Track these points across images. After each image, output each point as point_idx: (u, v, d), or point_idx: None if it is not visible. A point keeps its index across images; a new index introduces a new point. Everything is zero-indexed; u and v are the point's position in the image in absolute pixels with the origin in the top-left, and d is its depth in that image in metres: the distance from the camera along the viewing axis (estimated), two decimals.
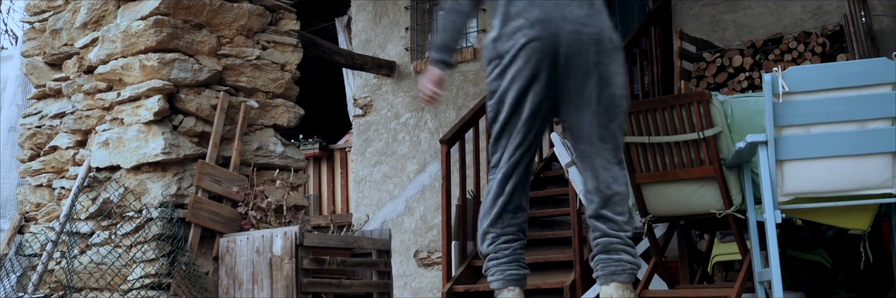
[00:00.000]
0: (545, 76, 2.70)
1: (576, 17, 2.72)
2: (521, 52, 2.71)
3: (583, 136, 2.79)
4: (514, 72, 2.72)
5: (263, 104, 4.85)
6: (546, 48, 2.69)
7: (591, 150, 2.79)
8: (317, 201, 9.50)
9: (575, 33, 2.70)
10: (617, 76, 2.79)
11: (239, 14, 4.82)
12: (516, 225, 2.88)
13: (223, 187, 4.42)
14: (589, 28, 2.73)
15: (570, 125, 2.82)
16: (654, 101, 3.53)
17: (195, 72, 4.58)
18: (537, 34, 2.70)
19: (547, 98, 2.75)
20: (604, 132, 2.78)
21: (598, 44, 2.73)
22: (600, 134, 2.78)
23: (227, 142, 4.63)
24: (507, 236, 2.86)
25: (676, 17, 6.77)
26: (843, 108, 2.91)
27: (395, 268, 7.87)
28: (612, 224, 2.79)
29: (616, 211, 2.78)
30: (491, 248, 2.87)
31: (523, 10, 2.73)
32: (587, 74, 2.71)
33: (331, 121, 13.37)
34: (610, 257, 2.76)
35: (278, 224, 4.14)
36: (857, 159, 2.92)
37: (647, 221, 3.67)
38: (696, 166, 3.44)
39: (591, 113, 2.75)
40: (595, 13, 2.76)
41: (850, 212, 3.06)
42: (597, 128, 2.77)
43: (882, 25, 5.91)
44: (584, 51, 2.71)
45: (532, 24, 2.72)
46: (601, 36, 2.75)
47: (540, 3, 2.73)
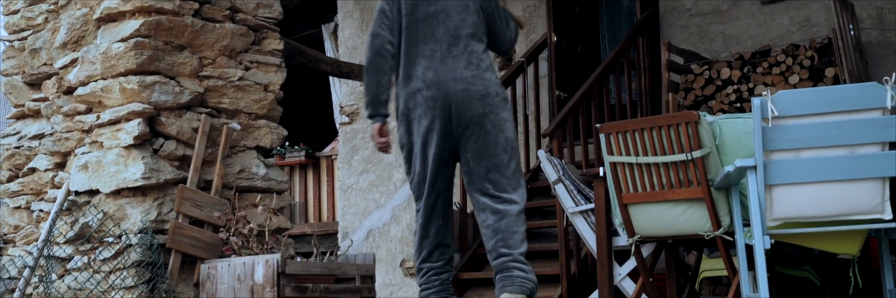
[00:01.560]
0: (443, 129, 3.20)
1: (464, 78, 3.21)
2: (422, 111, 3.21)
3: (478, 177, 3.23)
4: (417, 128, 3.24)
5: (246, 125, 4.76)
6: (442, 106, 3.19)
7: (486, 188, 3.21)
8: (302, 208, 9.43)
9: (464, 91, 3.20)
10: (505, 122, 3.26)
11: (221, 34, 4.73)
12: (444, 259, 3.37)
13: (204, 212, 4.33)
14: (476, 86, 3.22)
15: (469, 168, 3.24)
16: (642, 121, 3.50)
17: (176, 95, 4.49)
18: (433, 94, 3.21)
19: (447, 148, 3.23)
20: (498, 173, 3.21)
21: (484, 98, 3.21)
22: (493, 175, 3.21)
23: (208, 165, 4.54)
24: (436, 269, 3.35)
25: (664, 27, 6.75)
26: (833, 133, 2.88)
27: (381, 278, 7.82)
28: (504, 249, 3.17)
29: (508, 245, 3.16)
30: (423, 280, 3.36)
31: (421, 73, 3.24)
32: (479, 124, 3.18)
33: (317, 127, 13.30)
34: (503, 274, 3.15)
35: (260, 250, 4.06)
36: (848, 184, 2.89)
37: (635, 241, 3.63)
38: (684, 187, 3.41)
39: (488, 156, 3.20)
40: (481, 73, 3.24)
41: (840, 237, 3.03)
42: (493, 170, 3.21)
43: (870, 38, 5.90)
44: (473, 105, 3.19)
45: (428, 86, 3.22)
46: (487, 91, 3.22)
47: (434, 67, 3.23)
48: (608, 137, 3.59)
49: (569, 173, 4.21)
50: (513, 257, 3.14)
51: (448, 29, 3.28)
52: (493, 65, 3.31)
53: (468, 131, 3.19)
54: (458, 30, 3.28)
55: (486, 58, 3.31)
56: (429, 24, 3.29)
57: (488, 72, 3.26)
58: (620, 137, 3.55)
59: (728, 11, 6.48)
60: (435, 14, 3.29)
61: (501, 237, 3.16)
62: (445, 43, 3.26)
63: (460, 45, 3.26)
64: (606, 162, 3.64)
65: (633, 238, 3.61)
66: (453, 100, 3.19)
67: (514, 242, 3.16)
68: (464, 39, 3.26)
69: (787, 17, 6.24)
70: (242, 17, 4.95)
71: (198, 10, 4.74)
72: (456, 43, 3.26)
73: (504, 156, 3.21)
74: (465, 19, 3.29)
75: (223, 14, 4.81)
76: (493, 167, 3.19)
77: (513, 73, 6.53)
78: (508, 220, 3.17)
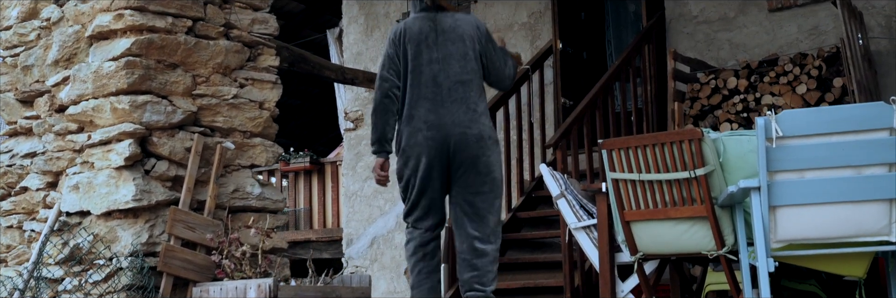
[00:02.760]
0: (440, 166, 3.53)
1: (461, 122, 3.55)
2: (421, 149, 3.53)
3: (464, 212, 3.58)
4: (414, 163, 3.55)
5: (240, 144, 4.70)
6: (440, 146, 3.52)
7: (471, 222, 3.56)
8: (307, 214, 9.40)
9: (461, 134, 3.54)
10: (495, 164, 3.62)
11: (215, 52, 4.67)
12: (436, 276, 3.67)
13: (197, 234, 4.28)
14: (472, 129, 3.56)
15: (458, 203, 3.61)
16: (645, 138, 3.44)
17: (168, 115, 4.45)
18: (433, 135, 3.53)
19: (442, 183, 3.57)
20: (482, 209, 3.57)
21: (478, 142, 3.56)
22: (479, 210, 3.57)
23: (201, 185, 4.48)
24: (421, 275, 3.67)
25: (670, 35, 6.68)
26: (838, 153, 2.82)
27: (385, 286, 7.78)
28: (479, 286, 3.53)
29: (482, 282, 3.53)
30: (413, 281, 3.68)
31: (423, 113, 3.56)
32: (473, 165, 3.53)
33: (322, 131, 13.29)
34: None
35: (253, 273, 4.01)
36: (853, 206, 2.83)
37: (638, 259, 3.57)
38: (688, 205, 3.35)
39: (477, 194, 3.56)
40: (477, 117, 3.58)
41: (846, 259, 2.97)
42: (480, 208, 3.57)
43: (879, 47, 5.82)
44: (468, 147, 3.54)
45: (429, 127, 3.55)
46: (482, 135, 3.57)
47: (435, 110, 3.55)
48: (610, 153, 3.54)
49: (571, 188, 4.15)
50: (485, 294, 3.53)
51: (449, 75, 3.58)
52: (487, 111, 3.65)
53: (461, 170, 3.54)
54: (458, 76, 3.58)
55: (481, 103, 3.63)
56: (431, 69, 3.59)
57: (484, 116, 3.59)
58: (623, 154, 3.49)
59: (735, 19, 6.41)
60: (437, 60, 3.59)
61: (477, 274, 3.53)
62: (446, 88, 3.57)
63: (460, 90, 3.57)
64: (608, 179, 3.59)
65: (636, 255, 3.55)
66: (451, 141, 3.52)
67: (487, 280, 3.54)
68: (463, 85, 3.57)
69: (794, 25, 6.17)
70: (237, 34, 4.88)
71: (191, 27, 4.68)
72: (456, 88, 3.57)
73: (490, 197, 3.58)
74: (465, 66, 3.60)
75: (217, 31, 4.75)
76: (481, 206, 3.55)
77: (518, 81, 6.47)
78: (485, 260, 3.56)
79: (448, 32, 3.63)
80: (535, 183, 6.36)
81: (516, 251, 5.97)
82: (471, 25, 3.68)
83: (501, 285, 5.56)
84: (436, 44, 3.62)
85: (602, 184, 3.84)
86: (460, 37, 3.63)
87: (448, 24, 3.65)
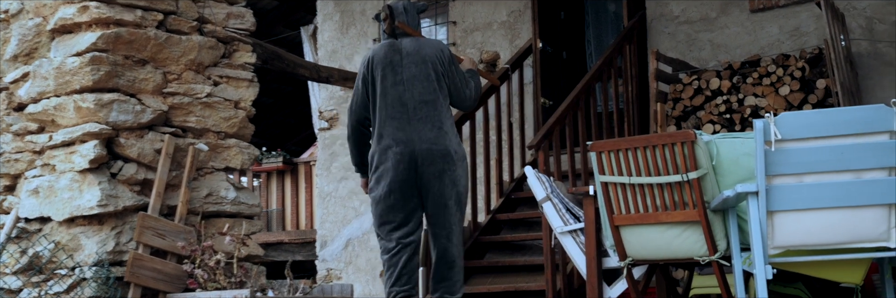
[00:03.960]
0: (409, 181, 3.76)
1: (428, 138, 3.77)
2: (392, 164, 3.76)
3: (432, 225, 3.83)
4: (387, 180, 3.78)
5: (214, 145, 4.48)
6: (408, 161, 3.75)
7: (439, 233, 3.81)
8: (280, 216, 9.24)
9: (427, 150, 3.75)
10: (460, 178, 3.84)
11: (188, 48, 4.43)
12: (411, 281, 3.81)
13: (167, 241, 4.06)
14: (437, 145, 3.78)
15: (429, 214, 3.84)
16: (635, 140, 3.35)
17: (137, 114, 4.22)
18: (401, 151, 3.76)
19: (412, 195, 3.78)
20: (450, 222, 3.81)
21: (444, 156, 3.77)
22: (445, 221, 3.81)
23: (172, 188, 4.26)
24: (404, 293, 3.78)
25: (651, 35, 6.62)
26: (838, 157, 2.75)
27: (360, 289, 7.65)
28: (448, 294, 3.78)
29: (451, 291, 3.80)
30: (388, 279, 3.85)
31: (391, 132, 3.80)
32: (439, 179, 3.76)
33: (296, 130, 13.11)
34: None
35: (228, 283, 3.80)
36: (853, 211, 2.76)
37: (626, 265, 3.49)
38: (679, 209, 3.27)
39: (443, 206, 3.79)
40: (443, 134, 3.80)
41: (843, 266, 2.90)
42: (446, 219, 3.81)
43: (860, 48, 5.80)
44: (435, 162, 3.75)
45: (397, 143, 3.77)
46: (448, 150, 3.79)
47: (403, 128, 3.79)
48: (600, 156, 3.44)
49: (557, 191, 4.05)
50: None
51: (413, 95, 3.82)
52: (453, 127, 3.88)
53: (429, 184, 3.76)
54: (422, 96, 3.82)
55: (447, 120, 3.86)
56: (397, 90, 3.83)
57: (449, 133, 3.83)
58: (612, 156, 3.40)
59: (716, 19, 6.36)
60: (401, 82, 3.83)
61: (447, 284, 3.80)
62: (411, 107, 3.81)
63: (425, 109, 3.81)
64: (597, 182, 3.50)
65: (625, 261, 3.46)
66: (419, 157, 3.75)
67: (456, 289, 3.82)
68: (427, 104, 3.82)
69: (776, 25, 6.13)
70: (211, 29, 4.66)
71: (162, 21, 4.46)
72: (420, 107, 3.81)
73: (455, 208, 3.82)
74: (428, 86, 3.84)
75: (190, 25, 4.53)
76: (448, 217, 3.80)
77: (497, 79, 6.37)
78: (454, 271, 3.83)
79: (412, 55, 3.89)
80: (515, 184, 6.26)
81: (496, 254, 5.87)
82: (434, 49, 3.93)
83: (481, 289, 5.47)
84: (400, 66, 3.87)
85: (590, 187, 3.75)
86: (423, 59, 3.88)
87: (412, 47, 3.91)
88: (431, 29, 7.90)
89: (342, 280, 7.79)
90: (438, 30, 7.85)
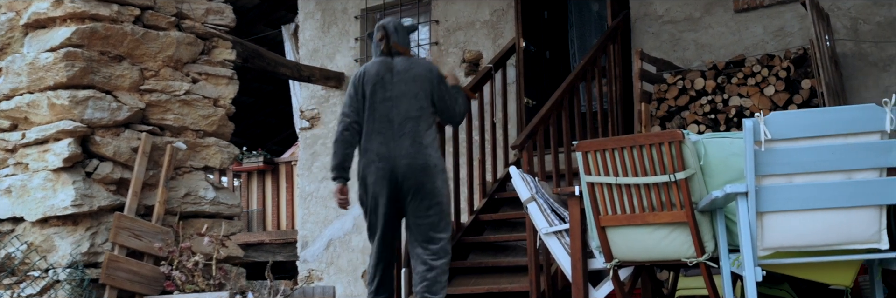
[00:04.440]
0: (391, 193, 3.98)
1: (408, 153, 3.97)
2: (375, 178, 3.98)
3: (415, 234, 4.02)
4: (371, 191, 4.00)
5: (193, 144, 4.37)
6: (390, 175, 3.96)
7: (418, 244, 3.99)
8: (260, 216, 9.14)
9: (407, 165, 3.96)
10: (440, 189, 4.02)
11: (166, 44, 4.33)
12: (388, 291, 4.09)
13: (144, 242, 3.95)
14: (417, 160, 3.97)
15: (409, 226, 4.05)
16: (622, 140, 3.30)
17: (113, 112, 4.11)
18: (383, 165, 3.97)
19: (394, 207, 4.02)
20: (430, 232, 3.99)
21: (424, 170, 3.97)
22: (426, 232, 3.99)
23: (150, 188, 4.15)
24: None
25: (635, 35, 6.58)
26: (828, 157, 2.70)
27: (342, 290, 7.57)
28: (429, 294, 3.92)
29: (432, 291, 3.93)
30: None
31: (375, 146, 4.01)
32: (419, 191, 3.95)
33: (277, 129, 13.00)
34: None
35: (206, 285, 3.70)
36: (844, 212, 2.72)
37: (613, 266, 3.43)
38: (667, 210, 3.22)
39: (424, 217, 3.98)
40: (422, 149, 4.00)
41: (834, 268, 2.86)
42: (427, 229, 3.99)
43: (845, 49, 5.78)
44: (414, 175, 3.96)
45: (380, 158, 3.99)
46: (427, 164, 3.98)
47: (386, 143, 3.99)
48: (585, 156, 3.39)
49: (542, 191, 4.00)
50: None
51: (400, 112, 4.02)
52: (435, 142, 4.08)
53: (409, 196, 3.96)
54: (407, 113, 4.02)
55: (428, 135, 4.06)
56: (385, 106, 4.03)
57: (430, 148, 4.03)
58: (599, 156, 3.35)
59: (700, 19, 6.33)
60: (390, 99, 4.04)
61: (428, 284, 3.94)
62: (397, 123, 4.01)
63: (408, 125, 4.00)
64: (583, 182, 3.44)
65: (612, 262, 3.41)
66: (399, 171, 3.95)
67: (436, 289, 3.94)
68: (412, 121, 4.01)
69: (760, 25, 6.11)
70: (190, 25, 4.55)
71: (139, 16, 4.35)
72: (405, 123, 4.00)
73: (436, 218, 3.98)
74: (413, 104, 4.03)
75: (168, 21, 4.42)
76: (428, 227, 3.97)
77: (480, 80, 6.32)
78: (436, 272, 3.96)
79: (402, 74, 4.09)
80: (498, 184, 6.21)
81: (479, 254, 5.81)
82: (424, 68, 4.13)
83: (464, 290, 5.41)
84: (390, 84, 4.07)
85: (575, 188, 3.70)
86: (413, 78, 4.07)
87: (402, 66, 4.11)
88: None
89: (324, 281, 7.71)
90: (421, 29, 7.79)
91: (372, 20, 8.02)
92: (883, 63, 5.67)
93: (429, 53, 7.62)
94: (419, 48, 7.79)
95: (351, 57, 7.94)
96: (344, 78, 7.93)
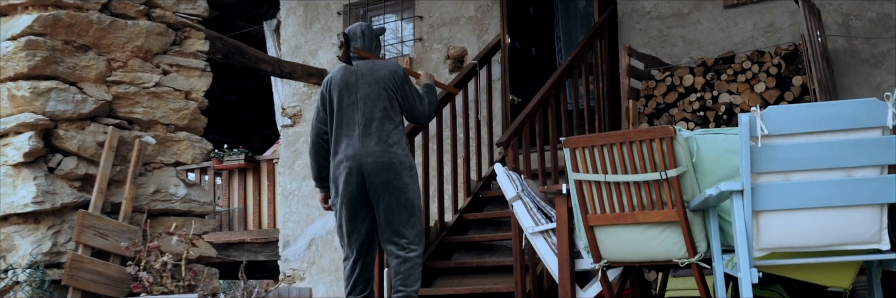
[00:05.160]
0: (359, 192, 4.07)
1: (373, 152, 4.07)
2: (344, 178, 4.09)
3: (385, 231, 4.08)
4: (341, 192, 4.09)
5: (163, 139, 4.18)
6: (357, 174, 4.06)
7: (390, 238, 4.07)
8: (241, 215, 8.98)
9: (373, 163, 4.05)
10: (407, 186, 4.10)
11: (134, 33, 4.14)
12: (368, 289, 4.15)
13: (110, 241, 3.76)
14: (382, 158, 4.06)
15: (379, 222, 4.11)
16: (611, 136, 3.17)
17: (78, 104, 3.91)
18: (350, 165, 4.07)
19: (364, 206, 4.09)
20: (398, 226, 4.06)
21: (388, 168, 4.06)
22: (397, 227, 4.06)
23: (117, 185, 3.96)
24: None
25: (623, 30, 6.47)
26: (827, 154, 2.59)
27: (324, 290, 7.43)
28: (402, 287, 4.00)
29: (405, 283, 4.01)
30: None
31: (343, 148, 4.13)
32: (386, 188, 4.04)
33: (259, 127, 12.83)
34: None
35: (175, 287, 3.53)
36: (843, 211, 2.60)
37: (601, 267, 3.31)
38: (657, 209, 3.10)
39: (392, 212, 4.06)
40: (388, 148, 4.09)
41: (832, 269, 2.75)
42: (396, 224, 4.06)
43: (836, 45, 5.69)
44: (379, 173, 4.04)
45: (347, 158, 4.09)
46: (392, 162, 4.07)
47: (353, 144, 4.10)
48: (574, 152, 3.26)
49: (528, 189, 3.87)
50: (406, 293, 4.01)
51: (364, 114, 4.13)
52: (401, 140, 4.15)
53: (377, 194, 4.04)
54: (371, 114, 4.13)
55: (394, 134, 4.15)
56: (350, 110, 4.17)
57: (396, 146, 4.12)
58: (587, 153, 3.22)
59: (689, 15, 6.23)
60: (354, 102, 4.16)
61: (401, 277, 4.02)
62: (362, 125, 4.12)
63: (373, 125, 4.11)
64: (571, 180, 3.31)
65: (600, 263, 3.29)
66: (365, 170, 4.04)
67: (410, 282, 4.02)
68: (376, 121, 4.12)
69: (750, 21, 6.00)
70: (160, 14, 4.36)
71: (106, 4, 4.15)
72: (369, 124, 4.11)
73: (405, 214, 4.07)
74: (377, 105, 4.14)
75: (137, 9, 4.22)
76: (396, 222, 4.04)
77: (465, 76, 6.19)
78: (408, 265, 4.03)
79: (365, 76, 4.20)
80: (483, 183, 6.08)
81: (463, 254, 5.68)
82: (388, 70, 4.22)
83: (448, 290, 5.28)
84: (355, 87, 4.19)
85: (563, 186, 3.57)
86: (376, 80, 4.19)
87: (366, 69, 4.22)
88: (397, 24, 7.70)
89: (305, 281, 7.56)
90: (404, 25, 7.65)
91: (355, 16, 7.88)
92: (875, 60, 5.58)
93: (412, 50, 7.48)
94: (403, 44, 7.66)
95: (333, 53, 7.79)
96: (326, 74, 7.78)
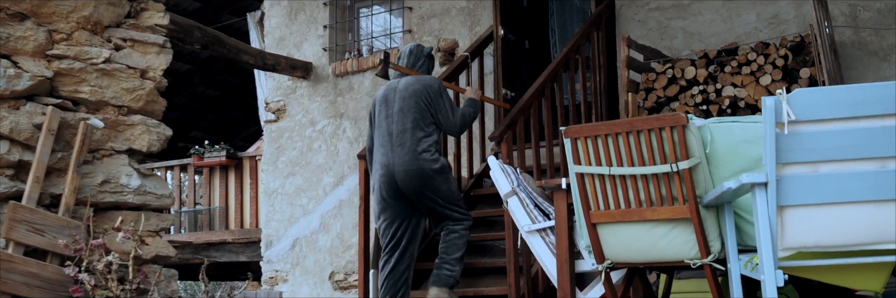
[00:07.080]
0: (395, 195, 4.54)
1: (404, 161, 4.50)
2: (379, 184, 4.58)
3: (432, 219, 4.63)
4: (378, 195, 4.59)
5: (114, 122, 3.65)
6: (391, 181, 4.52)
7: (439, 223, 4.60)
8: (222, 214, 8.68)
9: (404, 172, 4.48)
10: (440, 186, 4.52)
11: (81, 2, 3.63)
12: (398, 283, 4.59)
13: (47, 238, 3.27)
14: (412, 166, 4.47)
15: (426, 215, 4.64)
16: (617, 124, 2.91)
17: (10, 80, 3.38)
18: (384, 173, 4.55)
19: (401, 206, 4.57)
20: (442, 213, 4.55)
21: (418, 175, 4.47)
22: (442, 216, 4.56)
23: (57, 174, 3.48)
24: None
25: (620, 22, 6.22)
26: (860, 143, 2.32)
27: (307, 291, 7.14)
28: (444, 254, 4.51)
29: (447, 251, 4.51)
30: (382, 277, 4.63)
31: (378, 157, 4.62)
32: (419, 193, 4.49)
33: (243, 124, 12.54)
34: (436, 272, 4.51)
35: (122, 291, 3.07)
36: (876, 206, 2.34)
37: (605, 268, 3.04)
38: (667, 205, 2.84)
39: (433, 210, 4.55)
40: (417, 155, 4.50)
41: (863, 271, 2.49)
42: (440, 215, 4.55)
43: (843, 37, 5.45)
44: (412, 181, 4.47)
45: (381, 167, 4.57)
46: (422, 170, 4.47)
47: (386, 154, 4.55)
48: (575, 143, 3.00)
49: (524, 184, 3.60)
50: (445, 260, 4.49)
51: (398, 125, 4.56)
52: (431, 147, 4.52)
53: (415, 198, 4.51)
54: (403, 125, 4.55)
55: (425, 141, 4.53)
56: (387, 123, 4.61)
57: (425, 153, 4.50)
58: (590, 143, 2.96)
59: (690, 6, 5.98)
60: (390, 115, 4.61)
61: (445, 246, 4.53)
62: (395, 136, 4.55)
63: (405, 135, 4.53)
64: (572, 173, 3.05)
65: (603, 264, 3.02)
66: (398, 177, 4.49)
67: (451, 250, 4.51)
68: (409, 131, 4.53)
69: (753, 12, 5.76)
70: None
71: None
72: (402, 134, 4.54)
73: (446, 206, 4.54)
74: (408, 117, 4.56)
75: None
76: (441, 214, 4.55)
77: (456, 69, 5.92)
78: (453, 237, 4.55)
79: (402, 91, 4.61)
80: (475, 180, 5.81)
81: None
82: (422, 84, 4.61)
83: None
84: (392, 102, 4.62)
85: (562, 180, 3.30)
86: (411, 94, 4.58)
87: (404, 84, 4.64)
88: (385, 16, 7.43)
89: (288, 283, 7.28)
90: (393, 16, 7.38)
91: (341, 7, 7.60)
92: (883, 52, 5.34)
93: (402, 42, 7.21)
94: (390, 37, 7.39)
95: (319, 45, 7.51)
96: (311, 67, 7.50)
